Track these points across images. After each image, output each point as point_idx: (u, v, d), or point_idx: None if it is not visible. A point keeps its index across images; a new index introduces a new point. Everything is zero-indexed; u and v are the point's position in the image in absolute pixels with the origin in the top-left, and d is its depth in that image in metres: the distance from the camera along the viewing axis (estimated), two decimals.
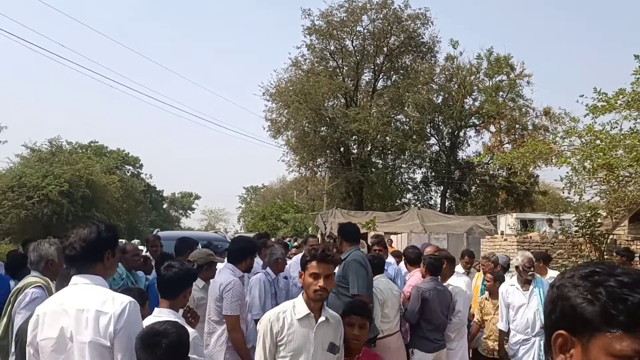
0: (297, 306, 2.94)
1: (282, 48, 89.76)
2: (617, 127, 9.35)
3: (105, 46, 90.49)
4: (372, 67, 31.95)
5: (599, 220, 11.58)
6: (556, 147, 10.40)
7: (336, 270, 6.88)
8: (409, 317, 4.64)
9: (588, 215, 11.21)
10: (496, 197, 32.11)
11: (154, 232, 10.56)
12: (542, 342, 4.46)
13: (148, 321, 2.67)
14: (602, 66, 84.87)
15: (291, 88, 30.41)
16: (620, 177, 8.27)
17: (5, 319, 3.53)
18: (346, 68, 32.08)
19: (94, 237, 2.38)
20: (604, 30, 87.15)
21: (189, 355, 2.50)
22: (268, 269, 5.21)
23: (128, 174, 53.21)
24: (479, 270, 7.39)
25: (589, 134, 9.48)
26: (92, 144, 53.67)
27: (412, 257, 5.47)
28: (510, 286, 5.27)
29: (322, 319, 2.94)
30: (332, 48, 31.71)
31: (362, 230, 23.49)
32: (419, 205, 31.54)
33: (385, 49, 31.22)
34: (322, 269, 2.89)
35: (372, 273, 4.82)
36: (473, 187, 33.36)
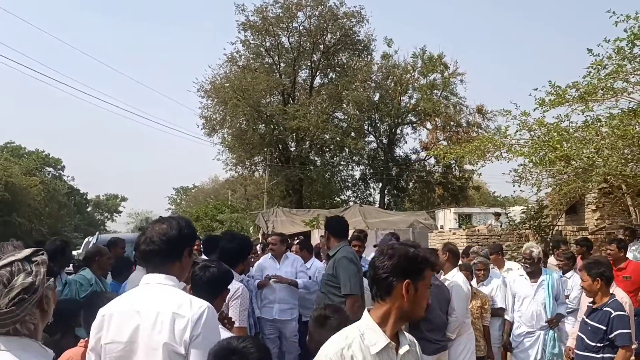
0: (369, 334, 1.89)
1: (216, 43, 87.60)
2: (567, 121, 9.62)
3: (20, 30, 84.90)
4: (309, 64, 31.78)
5: (545, 212, 11.92)
6: (507, 141, 10.56)
7: (321, 266, 6.48)
8: None
9: (536, 207, 11.50)
10: (433, 193, 32.92)
11: (91, 238, 9.75)
12: (547, 336, 4.31)
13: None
14: (536, 63, 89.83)
15: (227, 85, 29.64)
16: (579, 169, 8.48)
17: None
18: (283, 65, 31.72)
19: (174, 233, 2.17)
20: (537, 29, 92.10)
21: None
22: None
23: (49, 176, 50.09)
24: None
25: (541, 127, 9.68)
26: (9, 145, 50.06)
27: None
28: (519, 276, 5.17)
29: (404, 348, 1.94)
30: (267, 44, 31.24)
31: (306, 229, 23.31)
32: (359, 202, 31.73)
33: (321, 46, 31.13)
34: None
35: (362, 270, 4.52)
36: (410, 184, 34.01)
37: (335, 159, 33.35)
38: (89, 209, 67.70)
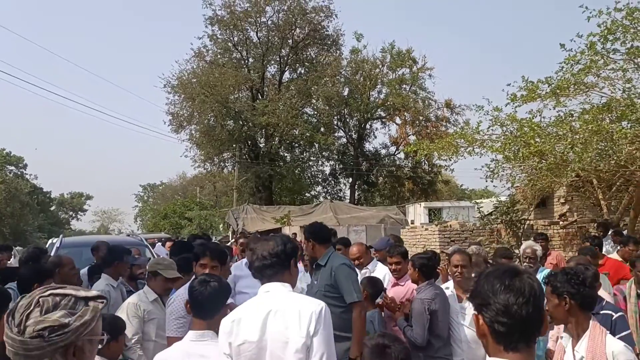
0: None
1: (183, 38, 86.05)
2: (539, 116, 9.63)
3: None
4: (278, 59, 31.41)
5: (516, 207, 11.97)
6: (479, 136, 10.52)
7: (307, 281, 5.95)
8: (417, 339, 3.92)
9: (508, 203, 11.52)
10: (402, 187, 33.05)
11: (55, 239, 9.21)
12: (543, 343, 4.12)
13: (181, 348, 2.64)
14: (506, 58, 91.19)
15: (195, 80, 29.04)
16: (552, 164, 8.48)
17: None
18: (251, 60, 31.29)
19: (281, 248, 2.60)
20: (509, 24, 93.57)
21: None
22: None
23: (11, 175, 48.34)
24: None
25: (513, 123, 9.67)
26: None
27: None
28: None
29: None
30: (235, 39, 30.73)
31: (276, 226, 23.05)
32: (329, 197, 31.63)
33: (290, 41, 30.80)
34: None
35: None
36: (380, 178, 34.06)
37: (305, 154, 33.14)
38: (52, 208, 65.79)
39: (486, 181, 10.87)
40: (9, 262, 6.91)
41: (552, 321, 3.00)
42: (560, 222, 11.88)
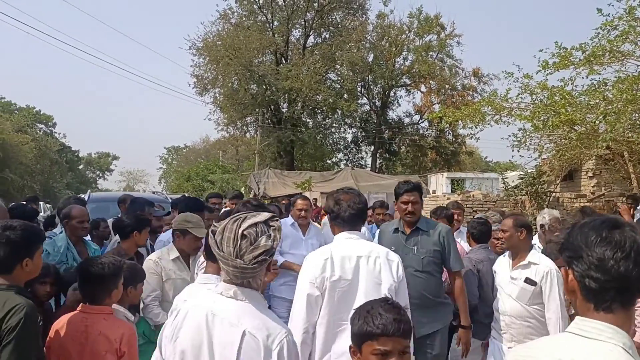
0: None
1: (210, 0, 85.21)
2: (570, 84, 9.32)
3: None
4: (303, 23, 30.91)
5: (542, 179, 11.75)
6: (508, 104, 10.26)
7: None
8: (469, 297, 3.86)
9: (534, 173, 11.30)
10: (425, 157, 32.71)
11: (83, 195, 9.40)
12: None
13: (195, 288, 2.58)
14: (537, 26, 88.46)
15: (220, 43, 28.83)
16: (583, 134, 8.24)
17: None
18: (276, 23, 30.84)
19: (364, 201, 3.03)
20: None
21: None
22: None
23: (40, 133, 49.26)
24: None
25: (543, 91, 9.38)
26: None
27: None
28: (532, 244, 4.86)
29: None
30: (261, 1, 30.27)
31: (297, 191, 23.10)
32: (350, 165, 31.50)
33: (315, 4, 30.22)
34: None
35: None
36: (403, 147, 33.74)
37: (327, 120, 32.91)
38: (80, 167, 67.13)
39: (512, 150, 10.66)
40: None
41: None
42: (588, 195, 11.64)
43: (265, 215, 1.85)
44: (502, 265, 3.84)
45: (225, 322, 1.78)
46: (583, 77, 9.20)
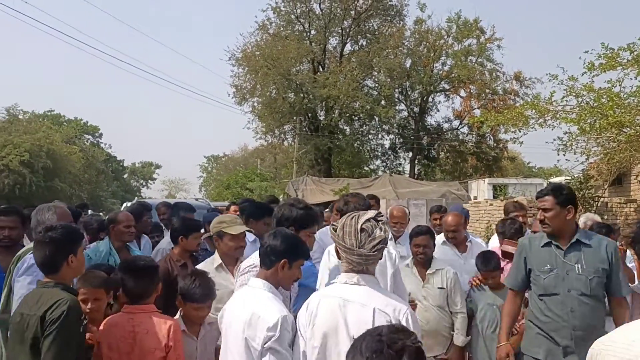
0: None
1: (249, 11, 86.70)
2: (618, 86, 8.99)
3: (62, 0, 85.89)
4: (340, 31, 31.05)
5: (589, 183, 11.37)
6: (552, 107, 9.98)
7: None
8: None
9: (581, 177, 10.95)
10: (465, 163, 32.15)
11: (131, 202, 9.68)
12: None
13: (238, 293, 2.63)
14: (577, 30, 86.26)
15: (258, 53, 29.27)
16: (632, 137, 7.94)
17: (5, 290, 3.29)
18: (313, 32, 31.10)
19: (367, 203, 3.39)
20: None
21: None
22: None
23: (88, 144, 51.21)
24: None
25: (590, 93, 9.09)
26: (49, 113, 51.32)
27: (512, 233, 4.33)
28: None
29: None
30: (298, 11, 30.60)
31: (335, 198, 23.06)
32: (388, 171, 31.28)
33: (352, 12, 30.33)
34: None
35: None
36: (442, 153, 33.28)
37: (364, 127, 32.83)
38: (125, 176, 69.13)
39: (558, 154, 10.36)
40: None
41: None
42: (638, 200, 11.18)
43: (373, 212, 2.21)
44: None
45: (355, 305, 2.11)
46: (631, 78, 8.89)
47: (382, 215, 2.22)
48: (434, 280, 4.09)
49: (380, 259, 2.23)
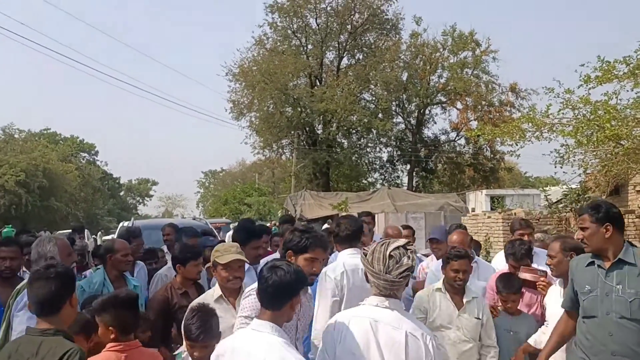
0: None
1: (245, 26, 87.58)
2: (615, 98, 9.05)
3: (55, 17, 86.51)
4: (336, 45, 31.26)
5: (587, 195, 11.36)
6: (549, 120, 10.02)
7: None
8: None
9: (579, 190, 10.95)
10: (463, 174, 32.22)
11: (126, 222, 9.65)
12: None
13: (241, 337, 2.34)
14: (571, 41, 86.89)
15: (255, 68, 29.43)
16: (630, 149, 7.96)
17: (4, 325, 3.27)
18: (310, 46, 31.30)
19: (360, 224, 3.69)
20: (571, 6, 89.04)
21: None
22: None
23: (83, 161, 51.19)
24: None
25: (586, 105, 9.14)
26: (45, 132, 51.30)
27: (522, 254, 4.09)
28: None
29: None
30: (295, 26, 30.82)
31: (334, 212, 23.04)
32: (387, 184, 31.30)
33: (349, 26, 30.58)
34: None
35: None
36: (440, 165, 33.35)
37: (362, 140, 32.92)
38: (121, 193, 68.94)
39: (555, 167, 10.38)
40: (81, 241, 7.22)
41: None
42: (636, 211, 11.17)
43: (403, 241, 2.34)
44: (554, 296, 3.50)
45: (388, 327, 2.24)
46: (628, 90, 8.94)
47: (412, 244, 2.35)
48: (470, 309, 3.64)
49: (407, 285, 2.36)
